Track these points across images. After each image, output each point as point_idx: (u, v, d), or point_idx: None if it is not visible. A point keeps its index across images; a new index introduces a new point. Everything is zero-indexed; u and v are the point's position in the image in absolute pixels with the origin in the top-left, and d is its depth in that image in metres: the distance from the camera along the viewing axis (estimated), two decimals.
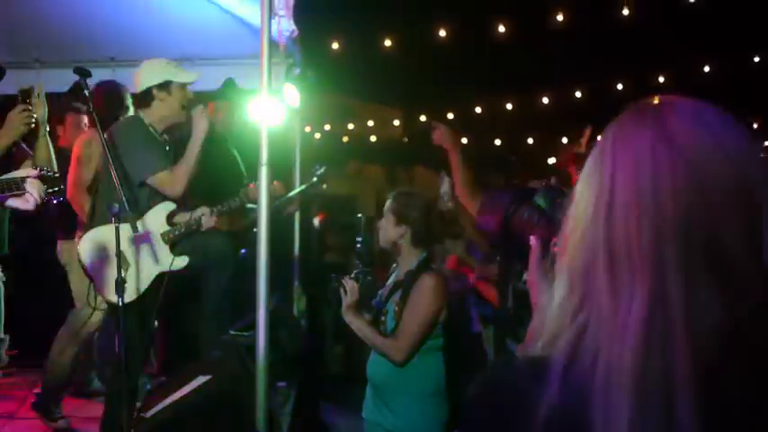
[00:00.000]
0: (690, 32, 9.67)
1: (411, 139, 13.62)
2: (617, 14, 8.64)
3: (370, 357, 3.17)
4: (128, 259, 3.50)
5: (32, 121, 3.47)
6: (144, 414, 3.44)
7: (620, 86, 11.07)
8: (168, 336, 5.10)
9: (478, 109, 12.48)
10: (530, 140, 13.85)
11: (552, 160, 12.20)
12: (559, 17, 9.20)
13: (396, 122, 13.55)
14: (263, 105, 3.34)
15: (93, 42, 5.09)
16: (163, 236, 3.76)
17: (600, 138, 0.91)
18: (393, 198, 3.21)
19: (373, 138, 13.72)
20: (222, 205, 4.01)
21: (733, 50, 10.07)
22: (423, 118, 12.97)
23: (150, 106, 3.84)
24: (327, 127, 12.87)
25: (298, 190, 5.17)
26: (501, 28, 9.55)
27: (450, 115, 12.71)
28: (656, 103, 0.90)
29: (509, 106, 12.31)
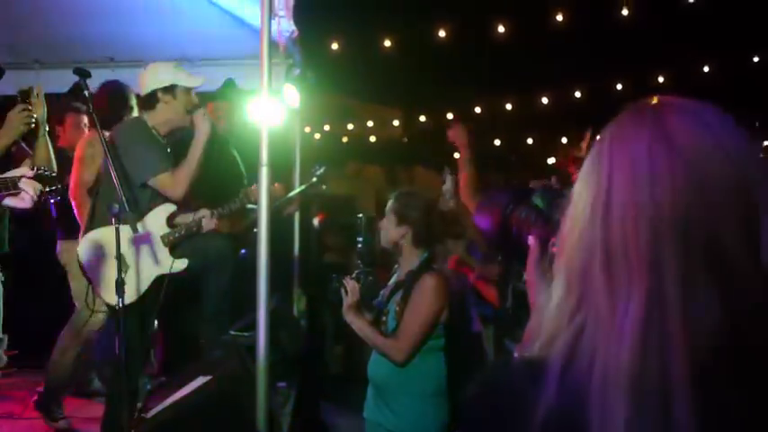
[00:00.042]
0: (689, 32, 9.67)
1: (411, 140, 13.61)
2: (616, 14, 8.64)
3: (371, 357, 3.17)
4: (127, 261, 3.50)
5: (32, 121, 3.48)
6: (144, 414, 3.45)
7: (619, 86, 11.06)
8: (168, 336, 5.11)
9: (478, 109, 12.47)
10: (529, 140, 13.86)
11: (552, 160, 12.22)
12: (559, 17, 9.20)
13: (395, 123, 13.54)
14: (264, 106, 3.34)
15: (92, 43, 5.09)
16: (163, 238, 3.76)
17: (598, 138, 0.91)
18: (395, 198, 3.21)
19: (373, 138, 13.71)
20: (223, 208, 4.00)
21: (732, 50, 10.07)
22: (422, 118, 12.97)
23: (154, 109, 3.83)
24: (327, 127, 12.86)
25: (297, 190, 5.17)
26: (501, 28, 9.55)
27: (449, 115, 12.71)
28: (655, 104, 0.90)
29: (509, 106, 12.30)
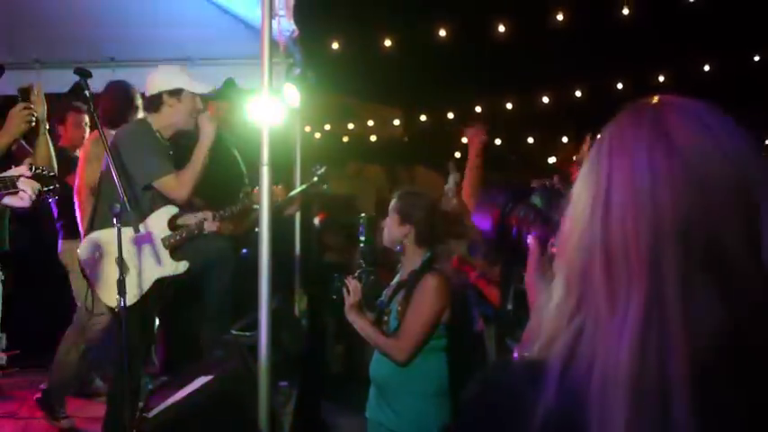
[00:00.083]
0: (690, 32, 9.66)
1: (411, 139, 13.61)
2: (617, 14, 8.64)
3: (373, 357, 3.17)
4: (129, 262, 3.49)
5: (33, 119, 3.47)
6: (146, 414, 3.45)
7: (620, 86, 11.06)
8: (170, 336, 5.11)
9: (478, 108, 12.47)
10: (530, 140, 13.85)
11: (553, 159, 12.22)
12: (559, 16, 9.20)
13: (396, 122, 13.53)
14: (265, 105, 3.34)
15: (92, 42, 5.10)
16: (164, 240, 3.75)
17: (598, 137, 0.91)
18: (398, 197, 3.21)
19: (373, 137, 13.71)
20: (225, 210, 4.01)
21: (733, 50, 10.06)
22: (423, 117, 12.97)
23: (159, 111, 3.83)
24: (327, 127, 12.85)
25: (298, 190, 5.18)
26: (501, 27, 9.55)
27: (450, 115, 12.71)
28: (655, 103, 0.90)
29: (509, 106, 12.30)
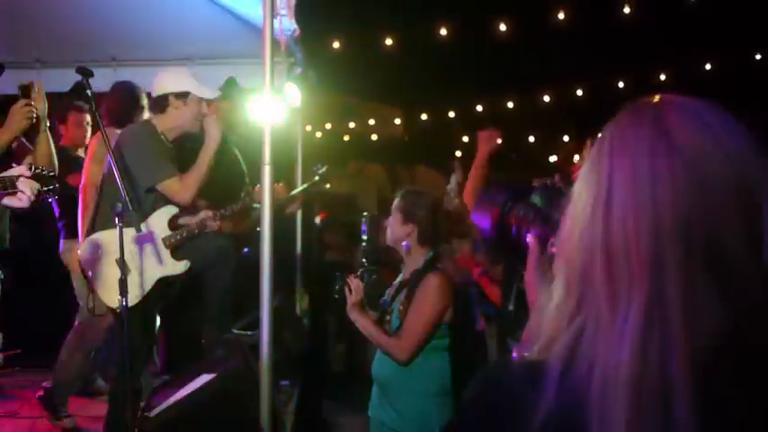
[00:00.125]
0: (691, 30, 9.66)
1: (412, 138, 13.62)
2: (618, 12, 8.63)
3: (375, 356, 3.17)
4: (130, 263, 3.48)
5: (33, 116, 3.46)
6: (148, 413, 3.45)
7: (621, 84, 11.06)
8: (171, 335, 5.11)
9: (479, 107, 12.48)
10: (531, 139, 13.85)
11: (553, 158, 12.23)
12: (560, 15, 9.20)
13: (397, 121, 13.54)
14: (267, 105, 3.34)
15: (94, 42, 5.10)
16: (164, 240, 3.75)
17: (598, 137, 0.90)
18: (401, 196, 3.20)
19: (374, 136, 13.72)
20: (225, 209, 4.01)
21: (734, 49, 10.05)
22: (424, 116, 12.97)
23: (164, 112, 3.83)
24: (328, 126, 12.86)
25: (300, 189, 5.18)
26: (502, 26, 9.55)
27: (451, 114, 12.72)
28: (655, 102, 0.89)
29: (510, 105, 12.30)
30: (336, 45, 9.71)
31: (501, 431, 0.86)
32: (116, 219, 3.19)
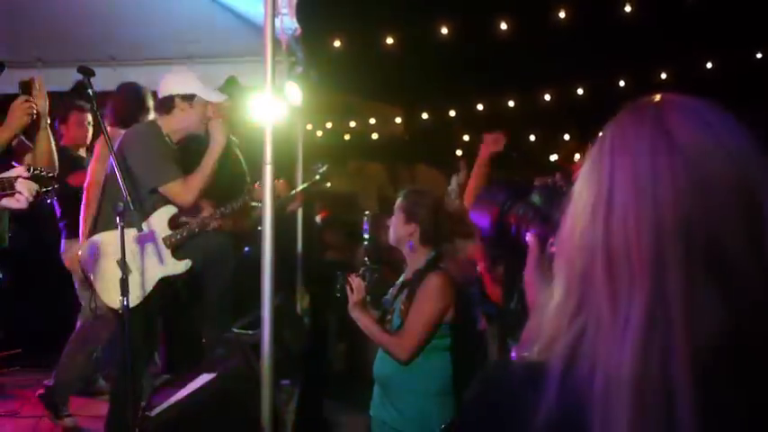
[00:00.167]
0: (692, 29, 9.66)
1: (412, 137, 13.62)
2: (619, 11, 8.64)
3: (377, 356, 3.17)
4: (131, 263, 3.47)
5: (34, 112, 3.45)
6: (148, 412, 3.45)
7: (621, 83, 11.06)
8: (172, 334, 5.11)
9: (480, 106, 12.48)
10: (531, 137, 13.85)
11: (554, 157, 12.22)
12: (561, 14, 9.20)
13: (397, 120, 13.54)
14: (268, 104, 3.33)
15: (93, 41, 5.09)
16: (165, 240, 3.75)
17: (599, 136, 0.90)
18: (403, 196, 3.20)
19: (375, 135, 13.72)
20: (225, 207, 4.00)
21: (735, 47, 10.05)
22: (424, 115, 12.97)
23: (170, 114, 3.82)
24: (329, 125, 12.87)
25: (300, 188, 5.18)
26: (503, 25, 9.55)
27: (451, 113, 12.72)
28: (656, 102, 0.89)
29: (511, 103, 12.30)
30: (337, 44, 9.72)
31: (502, 431, 0.85)
32: (117, 218, 3.18)
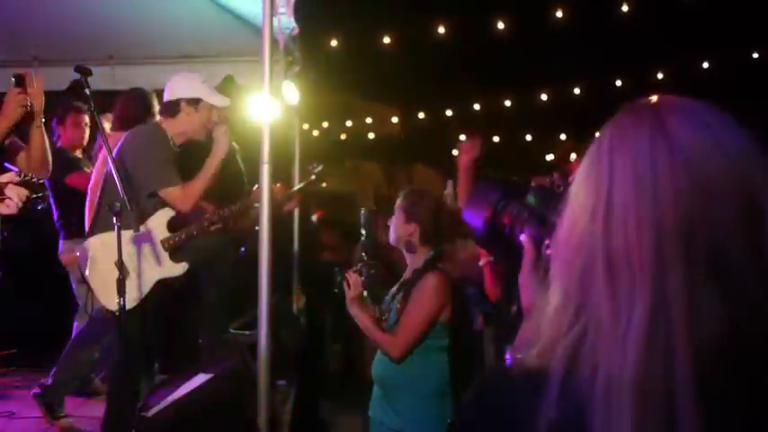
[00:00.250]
0: (688, 29, 9.67)
1: (409, 137, 13.63)
2: (616, 11, 8.65)
3: (375, 357, 3.17)
4: (128, 265, 3.46)
5: (27, 104, 3.42)
6: (145, 413, 3.44)
7: (618, 83, 11.07)
8: (168, 334, 5.10)
9: (476, 106, 12.48)
10: (528, 137, 13.86)
11: (550, 157, 12.23)
12: (558, 14, 9.20)
13: (394, 120, 13.55)
14: (265, 104, 3.33)
15: (91, 41, 5.08)
16: (163, 242, 3.75)
17: (596, 137, 0.89)
18: (403, 195, 3.20)
19: (371, 135, 13.72)
20: (224, 210, 4.00)
21: (732, 47, 10.07)
22: (421, 115, 12.98)
23: (175, 117, 3.82)
24: (325, 124, 12.87)
25: (296, 188, 5.18)
26: (499, 25, 9.55)
27: (448, 112, 12.72)
28: (654, 103, 0.88)
29: (507, 103, 12.31)
30: (334, 43, 9.71)
31: None
32: (113, 218, 3.17)
